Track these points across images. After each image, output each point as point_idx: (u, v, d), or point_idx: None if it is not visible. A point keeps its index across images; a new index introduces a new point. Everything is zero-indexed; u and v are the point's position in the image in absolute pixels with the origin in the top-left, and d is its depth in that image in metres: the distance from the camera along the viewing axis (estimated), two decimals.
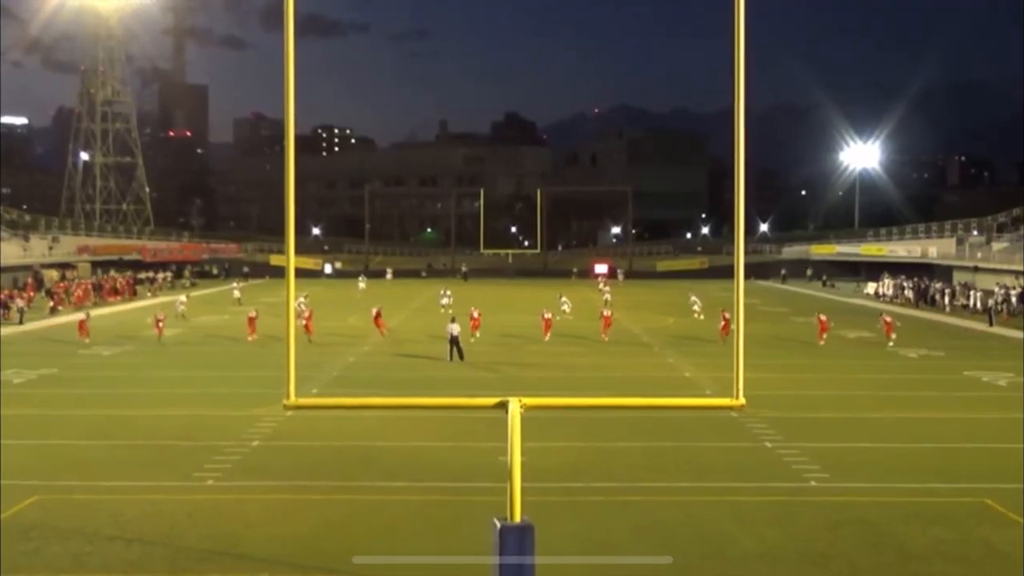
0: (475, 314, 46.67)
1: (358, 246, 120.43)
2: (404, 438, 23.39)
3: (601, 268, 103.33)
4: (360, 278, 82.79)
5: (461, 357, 37.17)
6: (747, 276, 75.82)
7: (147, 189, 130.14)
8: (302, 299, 53.02)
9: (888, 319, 44.45)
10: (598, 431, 23.94)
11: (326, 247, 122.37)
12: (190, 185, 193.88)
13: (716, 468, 20.80)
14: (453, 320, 39.66)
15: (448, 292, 62.49)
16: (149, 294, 74.62)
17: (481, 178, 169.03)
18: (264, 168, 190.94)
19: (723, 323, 43.93)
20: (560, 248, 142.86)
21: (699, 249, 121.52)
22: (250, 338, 43.94)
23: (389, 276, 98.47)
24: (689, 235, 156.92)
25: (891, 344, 42.39)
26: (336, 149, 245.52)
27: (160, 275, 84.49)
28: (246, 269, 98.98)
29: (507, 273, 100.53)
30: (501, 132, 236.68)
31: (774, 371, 34.00)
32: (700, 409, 25.48)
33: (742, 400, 12.97)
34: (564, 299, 57.93)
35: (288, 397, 12.43)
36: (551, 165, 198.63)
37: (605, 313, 47.67)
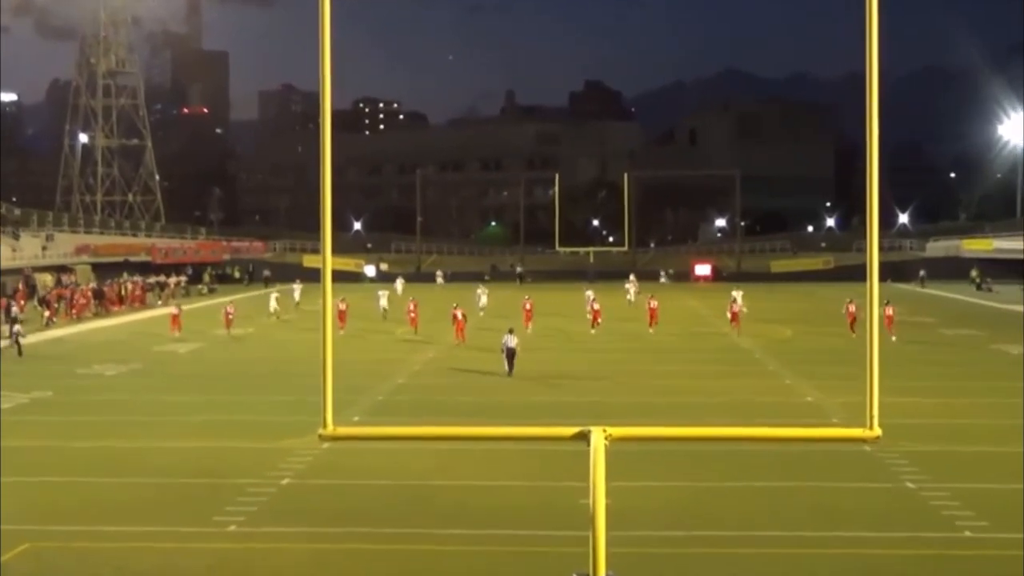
0: (527, 306, 55.80)
1: (408, 244, 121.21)
2: (464, 476, 23.44)
3: (703, 269, 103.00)
4: (397, 281, 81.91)
5: (511, 371, 39.23)
6: (883, 278, 74.86)
7: (157, 177, 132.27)
8: (384, 294, 64.23)
9: (889, 312, 50.01)
10: (700, 468, 23.78)
11: (369, 245, 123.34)
12: (208, 172, 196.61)
13: (847, 514, 20.54)
14: (511, 331, 40.93)
15: (484, 291, 67.11)
16: (160, 302, 75.65)
17: (556, 160, 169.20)
18: (295, 151, 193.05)
19: (731, 315, 54.48)
20: (653, 245, 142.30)
21: (823, 245, 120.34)
22: (340, 331, 52.31)
23: (440, 280, 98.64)
24: (811, 228, 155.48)
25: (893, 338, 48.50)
26: (381, 127, 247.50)
27: (172, 279, 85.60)
28: (267, 272, 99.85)
29: (588, 276, 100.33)
30: (580, 104, 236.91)
31: (916, 395, 33.52)
32: (826, 441, 25.18)
33: (878, 431, 12.75)
34: (591, 295, 61.56)
35: (325, 426, 12.47)
36: (641, 144, 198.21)
37: (652, 304, 55.71)
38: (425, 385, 37.32)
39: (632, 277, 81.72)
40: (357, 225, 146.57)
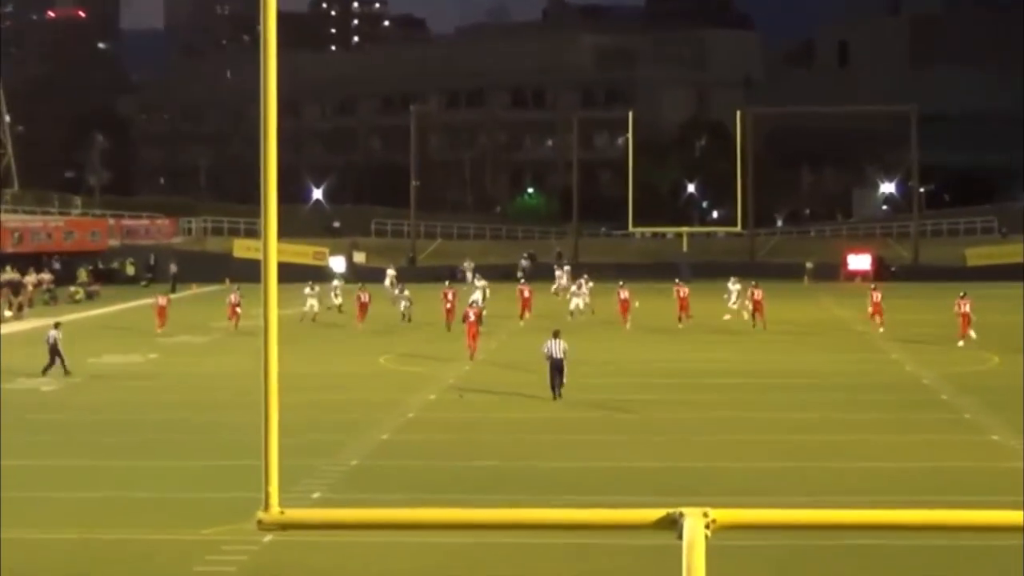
0: (525, 293, 70.51)
1: (397, 222, 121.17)
2: None
3: (860, 261, 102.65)
4: (396, 280, 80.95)
5: (560, 389, 42.42)
6: None
7: (7, 118, 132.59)
8: (406, 296, 71.60)
9: (967, 311, 58.69)
10: (850, 572, 23.73)
11: (336, 224, 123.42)
12: (86, 111, 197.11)
13: None
14: (556, 335, 43.38)
15: (483, 283, 74.38)
16: (8, 312, 75.54)
17: (630, 91, 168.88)
18: (222, 78, 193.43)
19: (753, 305, 66.04)
20: (781, 224, 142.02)
21: None
22: (359, 325, 67.30)
23: (471, 278, 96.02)
24: None
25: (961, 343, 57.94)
26: (356, 40, 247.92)
27: (30, 278, 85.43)
28: (174, 268, 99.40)
29: (681, 271, 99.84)
30: (667, 4, 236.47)
31: None
32: None
33: None
34: (583, 289, 71.27)
35: (267, 508, 12.52)
36: (762, 65, 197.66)
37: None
38: (422, 441, 37.49)
39: (565, 269, 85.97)
40: (317, 193, 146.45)
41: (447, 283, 68.38)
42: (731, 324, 66.64)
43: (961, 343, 57.41)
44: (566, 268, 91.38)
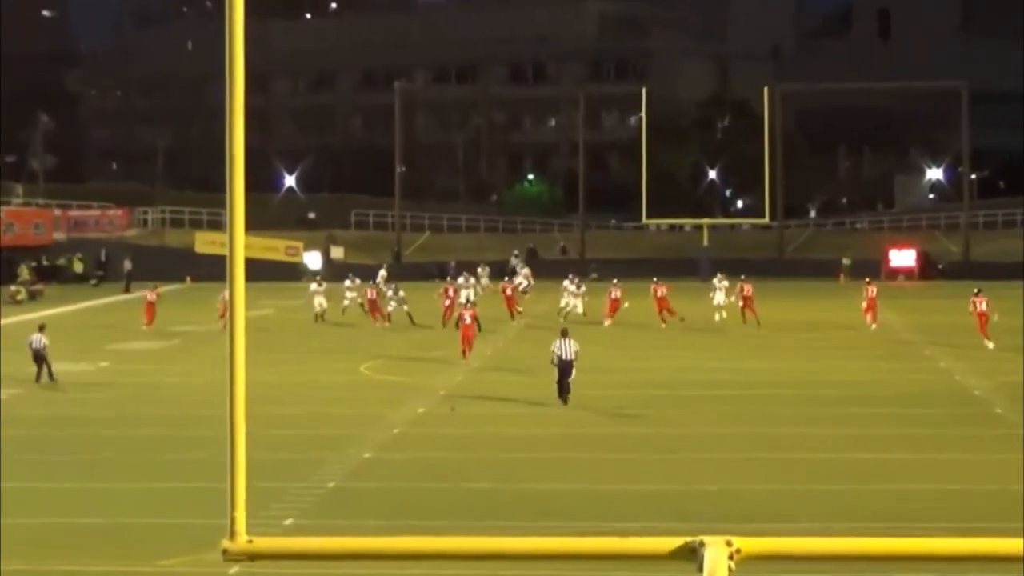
0: (507, 292, 71.53)
1: (379, 213, 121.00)
2: None
3: (903, 257, 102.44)
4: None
5: (565, 396, 43.26)
6: None
7: None
8: (401, 296, 72.75)
9: (983, 309, 61.31)
10: None
11: (312, 215, 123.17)
12: (29, 87, 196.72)
13: None
14: (564, 335, 44.19)
15: (471, 282, 75.85)
16: None
17: (642, 64, 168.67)
18: (182, 50, 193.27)
19: (742, 302, 68.80)
20: (814, 215, 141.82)
21: None
22: (383, 324, 70.29)
23: (483, 280, 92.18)
24: None
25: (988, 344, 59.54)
26: (334, 6, 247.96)
27: None
28: (128, 265, 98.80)
29: (699, 268, 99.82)
30: None
31: None
32: None
33: None
34: (574, 287, 72.36)
35: (232, 535, 12.52)
36: (792, 35, 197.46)
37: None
38: (408, 460, 37.51)
39: (524, 272, 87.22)
40: (290, 180, 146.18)
41: (447, 279, 72.34)
42: (743, 327, 66.84)
43: (989, 344, 59.25)
44: (524, 270, 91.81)
